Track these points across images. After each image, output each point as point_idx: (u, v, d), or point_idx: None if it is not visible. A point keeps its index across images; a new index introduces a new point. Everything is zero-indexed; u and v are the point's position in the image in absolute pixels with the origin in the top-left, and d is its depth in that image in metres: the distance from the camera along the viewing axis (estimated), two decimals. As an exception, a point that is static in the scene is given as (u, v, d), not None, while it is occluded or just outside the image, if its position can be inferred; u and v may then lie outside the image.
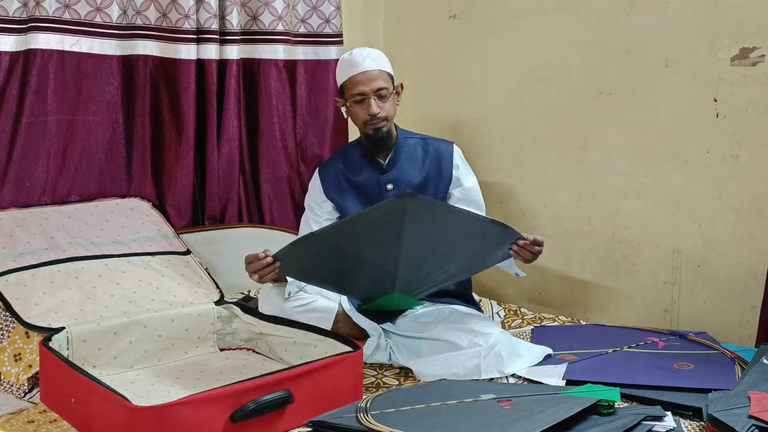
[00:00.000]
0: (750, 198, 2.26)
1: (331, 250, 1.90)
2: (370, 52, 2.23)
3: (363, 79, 2.19)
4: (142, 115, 2.62)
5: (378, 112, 2.18)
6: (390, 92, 2.21)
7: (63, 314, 1.96)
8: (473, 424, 1.51)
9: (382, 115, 2.19)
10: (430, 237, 1.89)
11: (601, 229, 2.61)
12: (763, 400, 1.55)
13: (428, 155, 2.31)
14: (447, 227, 1.90)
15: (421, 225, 1.84)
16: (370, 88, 2.18)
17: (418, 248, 1.91)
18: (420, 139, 2.34)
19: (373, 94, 2.18)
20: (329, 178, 2.30)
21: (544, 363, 2.00)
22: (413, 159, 2.29)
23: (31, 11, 2.38)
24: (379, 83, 2.19)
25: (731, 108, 2.26)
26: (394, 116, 2.25)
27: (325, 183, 2.30)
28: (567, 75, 2.65)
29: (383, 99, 2.19)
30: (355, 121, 2.25)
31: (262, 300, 2.18)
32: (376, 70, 2.20)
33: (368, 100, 2.18)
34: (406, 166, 2.27)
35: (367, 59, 2.21)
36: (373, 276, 2.00)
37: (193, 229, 2.67)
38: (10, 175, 2.39)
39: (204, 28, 2.66)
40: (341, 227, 1.94)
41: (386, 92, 2.20)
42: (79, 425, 1.64)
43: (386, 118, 2.21)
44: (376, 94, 2.18)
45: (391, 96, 2.22)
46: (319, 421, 1.58)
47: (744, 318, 2.29)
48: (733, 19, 2.24)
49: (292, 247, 1.91)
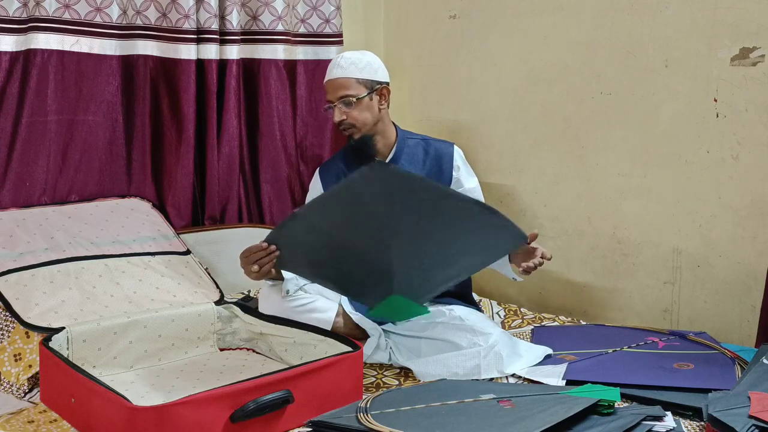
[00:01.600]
0: (750, 198, 2.26)
1: (321, 236, 1.85)
2: (341, 59, 2.22)
3: (328, 87, 2.22)
4: (142, 115, 2.62)
5: (341, 119, 2.19)
6: (358, 98, 2.18)
7: (63, 314, 1.96)
8: (473, 424, 1.51)
9: (348, 122, 2.19)
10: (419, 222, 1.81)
11: (601, 229, 2.61)
12: (763, 400, 1.55)
13: (429, 156, 2.30)
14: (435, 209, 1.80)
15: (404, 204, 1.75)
16: (334, 96, 2.19)
17: (409, 235, 1.83)
18: (421, 140, 2.33)
19: (338, 101, 2.18)
20: (330, 178, 2.30)
21: (544, 363, 2.00)
22: (414, 159, 2.29)
23: (31, 11, 2.38)
24: (341, 91, 2.18)
25: (731, 108, 2.26)
26: (369, 121, 2.21)
27: (326, 183, 2.30)
28: (567, 75, 2.65)
29: (348, 106, 2.18)
30: None
31: (263, 300, 2.18)
32: (341, 78, 2.19)
33: (334, 108, 2.19)
34: (406, 167, 2.26)
35: (335, 67, 2.21)
36: (368, 270, 1.94)
37: (193, 229, 2.67)
38: (10, 175, 2.39)
39: (204, 28, 2.67)
40: (321, 203, 1.85)
41: (351, 99, 2.18)
42: (79, 425, 1.64)
43: (353, 125, 2.20)
44: (341, 102, 2.18)
45: (361, 102, 2.18)
46: (319, 421, 1.58)
47: (744, 318, 2.29)
48: (733, 19, 2.24)
49: (279, 229, 1.88)
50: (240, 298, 2.46)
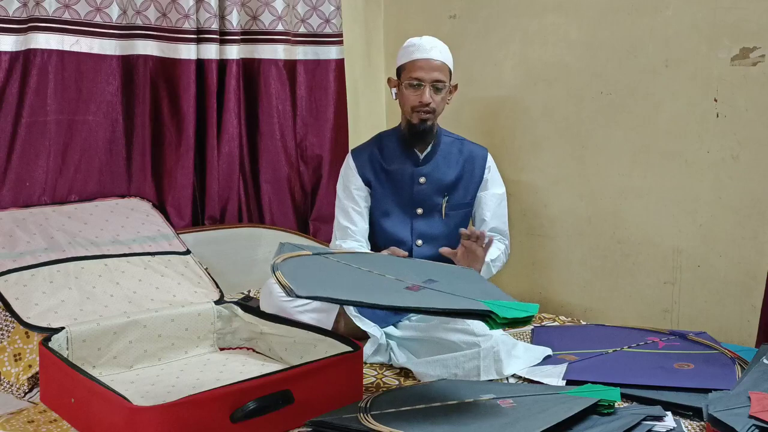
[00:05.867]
0: (750, 198, 2.26)
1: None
2: (439, 44, 2.26)
3: (424, 65, 2.21)
4: (142, 115, 2.62)
5: (429, 101, 2.20)
6: (446, 87, 2.23)
7: (63, 314, 1.96)
8: (473, 424, 1.51)
9: (432, 107, 2.22)
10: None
11: (601, 229, 2.61)
12: (763, 400, 1.55)
13: (462, 155, 2.35)
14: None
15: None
16: (429, 76, 2.20)
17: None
18: (456, 139, 2.38)
19: (430, 83, 2.20)
20: (363, 160, 2.32)
21: (544, 363, 2.00)
22: (449, 157, 2.32)
23: (31, 11, 2.38)
24: (438, 75, 2.21)
25: (731, 108, 2.26)
26: (441, 113, 2.27)
27: (360, 165, 2.31)
28: (567, 75, 2.65)
29: (438, 92, 2.22)
30: (403, 106, 2.27)
31: (263, 299, 2.18)
32: (439, 62, 2.22)
33: (424, 87, 2.20)
34: (441, 163, 2.29)
35: (434, 49, 2.23)
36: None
37: (193, 229, 2.67)
38: (10, 175, 2.39)
39: (204, 28, 2.66)
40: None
41: (442, 86, 2.22)
42: (79, 425, 1.64)
43: (434, 110, 2.23)
44: (433, 85, 2.21)
45: (445, 91, 2.24)
46: (319, 421, 1.58)
47: (744, 318, 2.29)
48: (733, 19, 2.24)
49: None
50: (240, 298, 2.46)
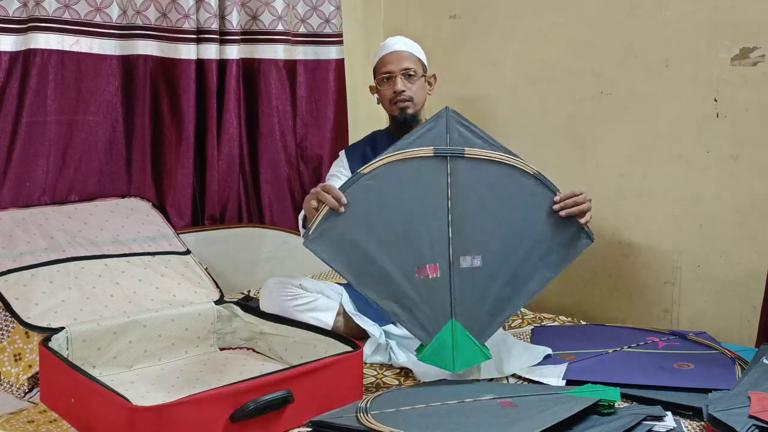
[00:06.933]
0: (750, 198, 2.26)
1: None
2: (403, 38, 2.29)
3: (391, 58, 2.24)
4: (142, 115, 2.62)
5: (403, 89, 2.21)
6: (418, 75, 2.24)
7: (63, 314, 1.96)
8: (473, 424, 1.51)
9: (407, 95, 2.22)
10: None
11: (601, 229, 2.60)
12: (763, 400, 1.55)
13: None
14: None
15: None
16: (397, 67, 2.22)
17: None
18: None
19: (400, 72, 2.22)
20: (356, 157, 2.32)
21: (544, 363, 2.00)
22: None
23: (31, 11, 2.38)
24: (406, 63, 2.23)
25: (731, 108, 2.26)
26: (421, 101, 2.27)
27: (352, 161, 2.31)
28: (567, 75, 2.65)
29: (409, 78, 2.22)
30: (383, 103, 2.28)
31: (263, 299, 2.18)
32: (405, 52, 2.25)
33: (394, 78, 2.22)
34: None
35: (399, 42, 2.27)
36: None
37: (193, 229, 2.67)
38: (10, 175, 2.39)
39: (204, 28, 2.66)
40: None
41: (413, 72, 2.23)
42: (79, 425, 1.64)
43: (411, 99, 2.23)
44: (403, 74, 2.22)
45: (419, 79, 2.24)
46: (319, 421, 1.58)
47: (744, 318, 2.29)
48: (733, 19, 2.24)
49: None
50: (240, 298, 2.46)
